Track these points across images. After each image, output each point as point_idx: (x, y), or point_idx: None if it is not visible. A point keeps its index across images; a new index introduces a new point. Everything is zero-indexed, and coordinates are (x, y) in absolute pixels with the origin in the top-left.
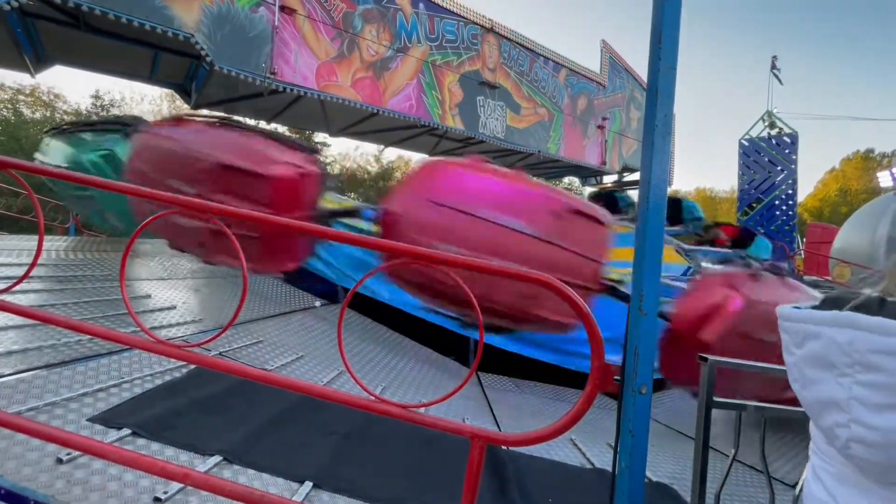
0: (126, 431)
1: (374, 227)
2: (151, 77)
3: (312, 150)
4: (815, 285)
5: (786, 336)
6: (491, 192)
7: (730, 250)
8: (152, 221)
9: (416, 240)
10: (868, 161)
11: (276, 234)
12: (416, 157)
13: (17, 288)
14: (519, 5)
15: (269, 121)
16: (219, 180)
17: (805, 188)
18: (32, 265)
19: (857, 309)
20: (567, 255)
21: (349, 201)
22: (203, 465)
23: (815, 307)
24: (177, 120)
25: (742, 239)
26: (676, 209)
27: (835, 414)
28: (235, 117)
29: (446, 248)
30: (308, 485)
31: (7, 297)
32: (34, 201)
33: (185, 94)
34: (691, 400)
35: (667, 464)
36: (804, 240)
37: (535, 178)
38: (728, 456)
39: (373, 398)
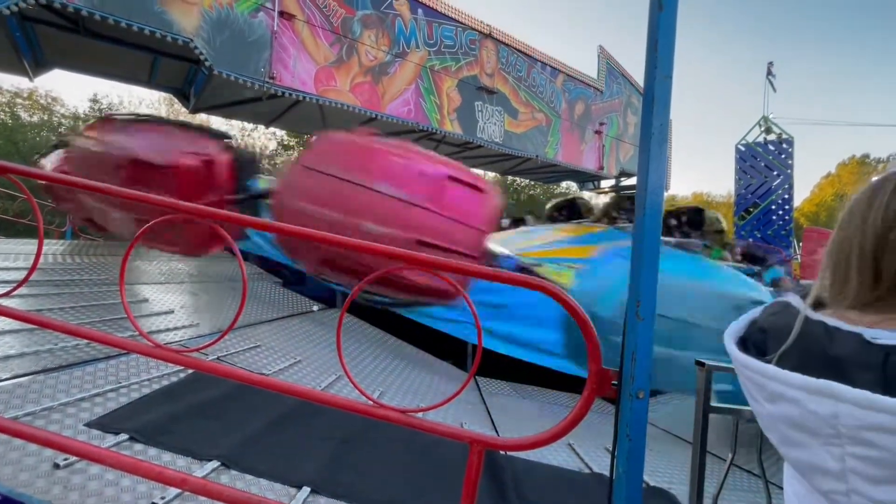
0: (123, 436)
1: None
2: (150, 81)
3: (223, 137)
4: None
5: (746, 381)
6: (364, 158)
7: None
8: (149, 228)
9: (292, 204)
10: (864, 166)
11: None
12: None
13: (14, 292)
14: (517, 11)
15: (267, 125)
16: (132, 175)
17: (801, 193)
18: (31, 270)
19: (805, 344)
20: (441, 220)
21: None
22: (200, 470)
23: (755, 340)
24: (103, 121)
25: (694, 219)
26: (699, 219)
27: (830, 482)
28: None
29: (317, 210)
30: (306, 490)
31: (3, 301)
32: (34, 207)
33: (183, 98)
34: (689, 404)
35: (665, 468)
36: (801, 244)
37: (421, 148)
38: (725, 460)
39: (372, 403)
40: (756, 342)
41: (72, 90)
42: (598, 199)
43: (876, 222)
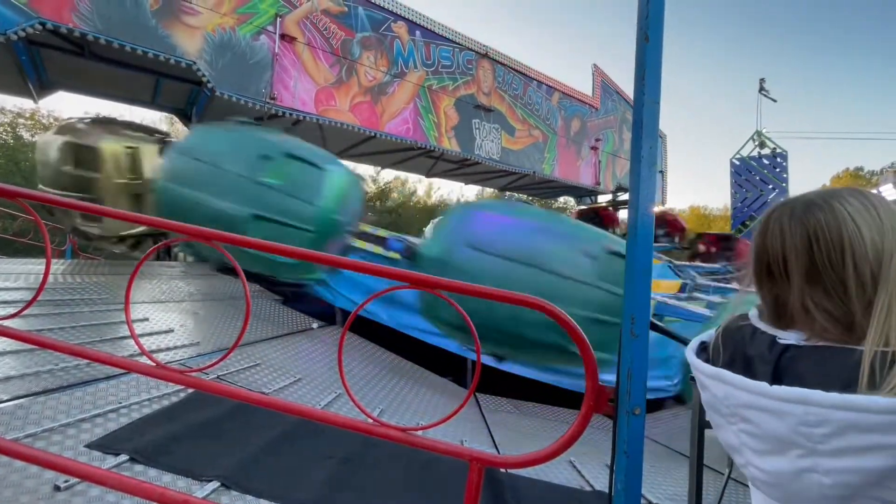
0: (124, 457)
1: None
2: (153, 102)
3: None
4: None
5: (694, 377)
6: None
7: (719, 265)
8: (158, 249)
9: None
10: (857, 179)
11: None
12: (412, 178)
13: (11, 312)
14: (513, 31)
15: None
16: None
17: None
18: (38, 292)
19: (736, 344)
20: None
21: (381, 230)
22: (201, 490)
23: (714, 342)
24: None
25: (725, 247)
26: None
27: (737, 456)
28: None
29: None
30: None
31: (4, 322)
32: (42, 229)
33: (185, 118)
34: (687, 419)
35: (664, 484)
36: None
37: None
38: (723, 474)
39: (372, 422)
40: (714, 344)
41: (75, 111)
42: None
43: (766, 261)
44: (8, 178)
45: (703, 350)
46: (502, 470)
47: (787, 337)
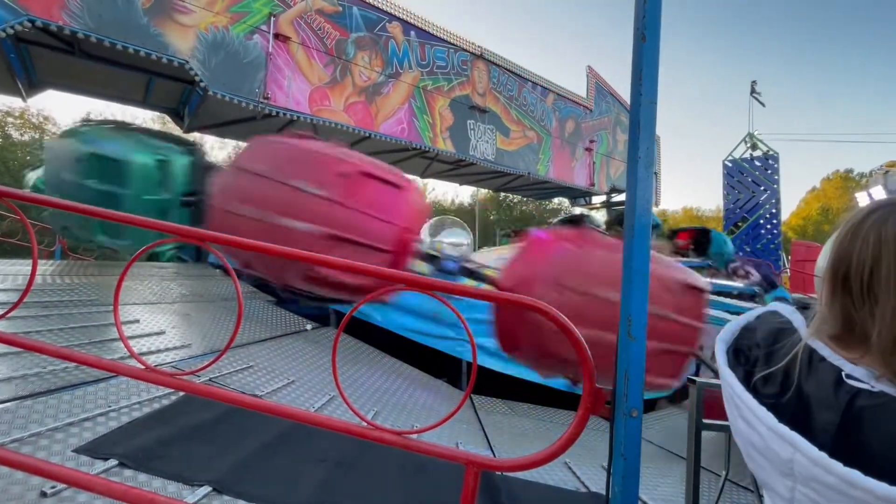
0: (112, 462)
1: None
2: (145, 101)
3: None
4: (803, 305)
5: (727, 397)
6: (280, 155)
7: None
8: (149, 249)
9: (221, 202)
10: (847, 181)
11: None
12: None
13: (6, 316)
14: (507, 33)
15: None
16: None
17: (788, 207)
18: (24, 294)
19: (788, 371)
20: (357, 216)
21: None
22: (192, 496)
23: (751, 354)
24: None
25: (700, 240)
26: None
27: (780, 502)
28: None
29: (243, 209)
30: None
31: None
32: (29, 229)
33: (178, 118)
34: (684, 421)
35: (661, 486)
36: (790, 258)
37: (332, 145)
38: (720, 476)
39: (367, 425)
40: (749, 355)
41: (65, 109)
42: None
43: (846, 270)
44: None
45: (737, 363)
46: (498, 473)
47: (857, 374)
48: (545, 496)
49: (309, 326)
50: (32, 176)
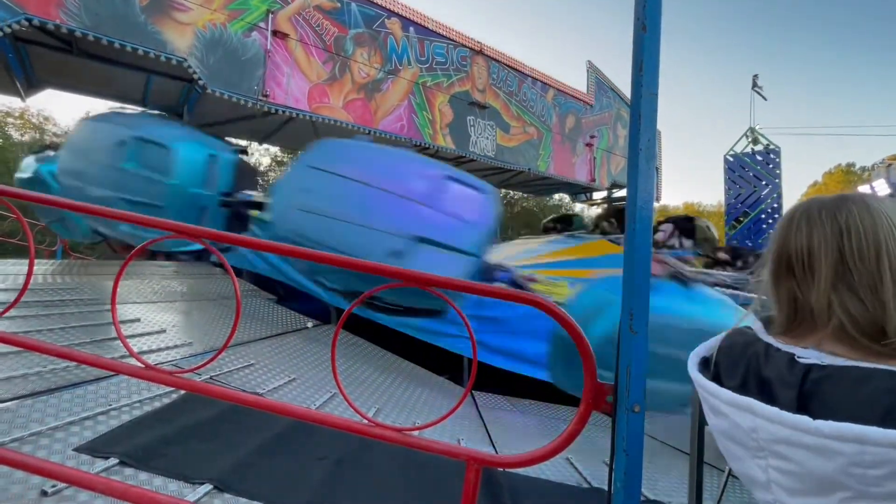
0: (113, 461)
1: None
2: (144, 100)
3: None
4: None
5: (701, 399)
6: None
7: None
8: (146, 247)
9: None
10: (849, 175)
11: None
12: None
13: (3, 314)
14: (507, 28)
15: (261, 141)
16: None
17: (790, 201)
18: (22, 292)
19: (748, 363)
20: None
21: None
22: (193, 494)
23: (716, 359)
24: None
25: (684, 229)
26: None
27: (761, 492)
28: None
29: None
30: None
31: None
32: (26, 228)
33: (177, 116)
34: (687, 417)
35: (663, 481)
36: None
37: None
38: (724, 471)
39: (368, 423)
40: (716, 360)
41: (64, 109)
42: (590, 211)
43: (787, 257)
44: None
45: (705, 367)
46: (498, 469)
47: (808, 355)
48: (547, 492)
49: (310, 324)
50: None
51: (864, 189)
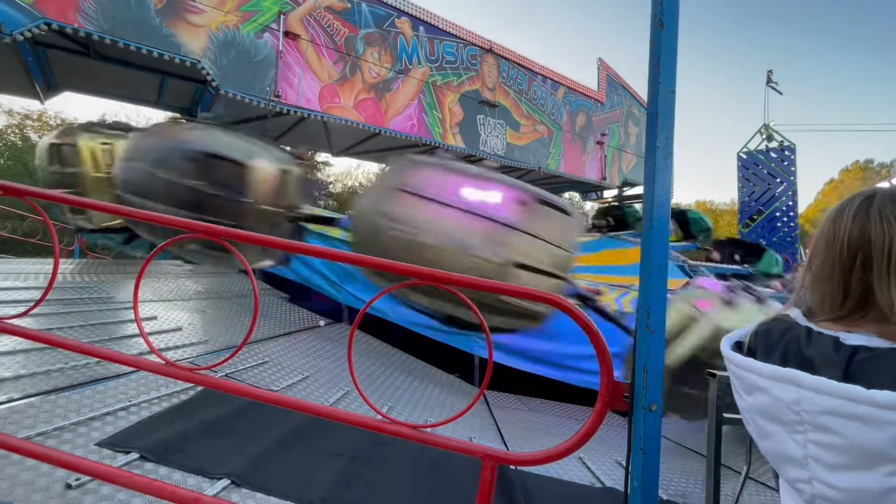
0: (134, 455)
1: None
2: (158, 101)
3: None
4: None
5: (733, 378)
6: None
7: (739, 266)
8: (166, 246)
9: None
10: (867, 171)
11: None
12: None
13: (29, 312)
14: (517, 27)
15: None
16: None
17: (806, 199)
18: (47, 291)
19: (787, 345)
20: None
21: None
22: (211, 488)
23: (750, 343)
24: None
25: (679, 221)
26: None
27: (795, 470)
28: None
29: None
30: None
31: (14, 321)
32: (50, 228)
33: (191, 117)
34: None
35: (677, 481)
36: (807, 251)
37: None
38: (740, 473)
39: (385, 420)
40: (750, 345)
41: (81, 111)
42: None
43: (839, 247)
44: (16, 179)
45: (738, 349)
46: (511, 467)
47: (854, 339)
48: (560, 491)
49: (322, 322)
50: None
51: (883, 186)
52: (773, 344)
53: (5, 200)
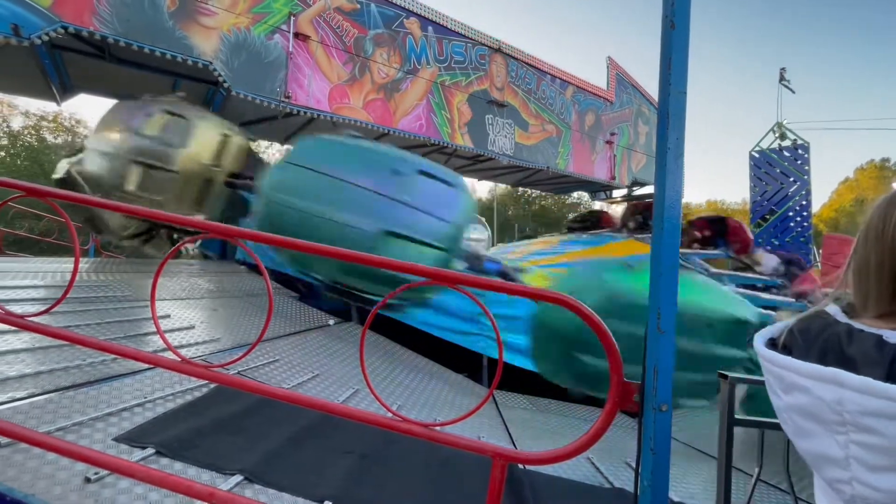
0: (150, 451)
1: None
2: None
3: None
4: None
5: (769, 376)
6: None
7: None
8: (181, 247)
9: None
10: (884, 170)
11: None
12: None
13: (41, 309)
14: (526, 26)
15: (282, 142)
16: None
17: (820, 198)
18: (67, 290)
19: (826, 343)
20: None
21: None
22: (225, 484)
23: (785, 341)
24: None
25: (717, 229)
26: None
27: (835, 470)
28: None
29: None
30: None
31: (34, 319)
32: (71, 229)
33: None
34: (710, 417)
35: (687, 483)
36: (820, 251)
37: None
38: (751, 475)
39: (397, 418)
40: (785, 342)
41: (95, 112)
42: (610, 209)
43: (891, 239)
44: (32, 179)
45: (773, 347)
46: (520, 467)
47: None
48: (569, 491)
49: (331, 321)
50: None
51: None
52: (810, 342)
53: (23, 200)
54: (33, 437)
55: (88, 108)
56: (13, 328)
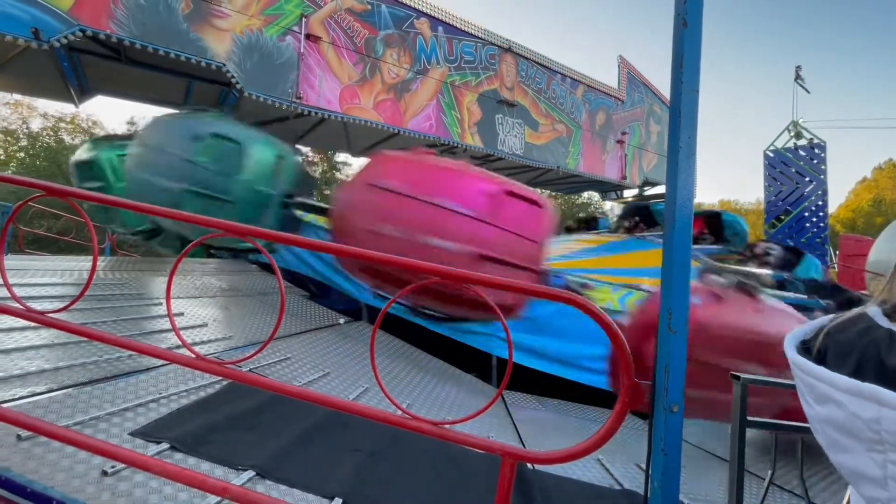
0: (165, 445)
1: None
2: (185, 104)
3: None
4: (852, 300)
5: (799, 383)
6: (427, 175)
7: (781, 272)
8: (197, 244)
9: (356, 221)
10: None
11: None
12: None
13: (59, 306)
14: (536, 25)
15: (293, 142)
16: None
17: (836, 198)
18: (86, 287)
19: (864, 350)
20: (501, 234)
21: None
22: (237, 479)
23: (820, 345)
24: None
25: (713, 225)
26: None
27: (873, 489)
28: None
29: (380, 226)
30: (338, 501)
31: (53, 316)
32: (91, 228)
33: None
34: (722, 419)
35: (698, 485)
36: (837, 252)
37: (475, 166)
38: (764, 479)
39: (406, 415)
40: (819, 347)
41: (111, 114)
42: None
43: None
44: (50, 179)
45: (805, 351)
46: (529, 467)
47: None
48: (579, 492)
49: (342, 320)
50: (83, 152)
51: None
52: (847, 348)
53: (42, 200)
54: (52, 430)
55: (105, 109)
56: (34, 324)
